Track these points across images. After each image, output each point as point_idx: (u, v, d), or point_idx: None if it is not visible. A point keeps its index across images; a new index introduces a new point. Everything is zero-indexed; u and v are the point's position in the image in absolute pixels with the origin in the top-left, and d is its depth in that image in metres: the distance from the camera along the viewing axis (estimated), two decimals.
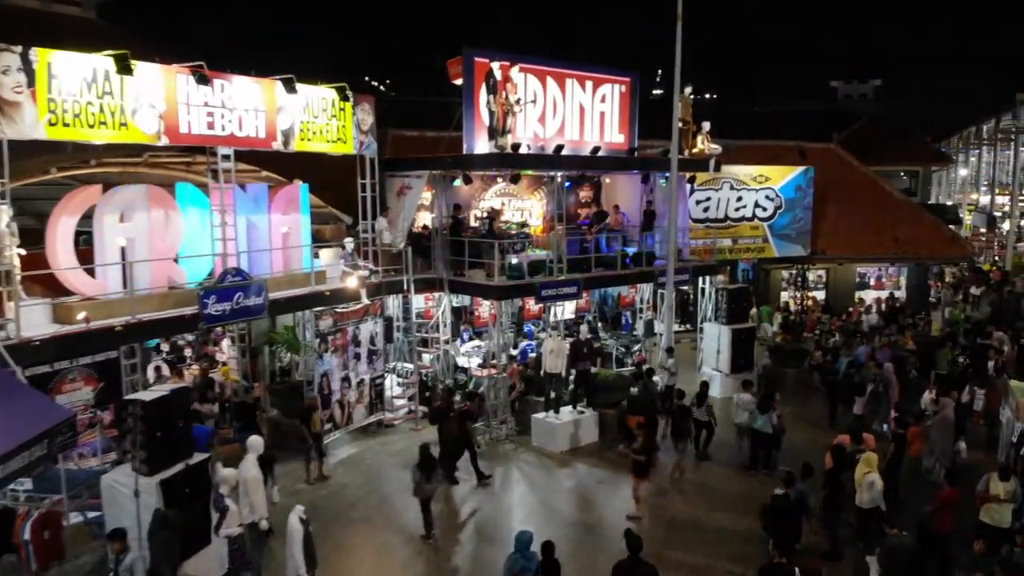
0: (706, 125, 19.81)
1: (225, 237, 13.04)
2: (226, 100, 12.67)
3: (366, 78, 52.38)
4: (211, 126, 12.46)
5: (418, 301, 17.57)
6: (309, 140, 14.41)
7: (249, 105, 13.09)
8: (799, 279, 27.63)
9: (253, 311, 13.16)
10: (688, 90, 18.56)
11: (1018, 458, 12.26)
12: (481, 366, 16.80)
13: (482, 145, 16.19)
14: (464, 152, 16.36)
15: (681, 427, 14.19)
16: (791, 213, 25.17)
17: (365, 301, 15.39)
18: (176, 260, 12.90)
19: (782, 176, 25.01)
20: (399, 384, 16.96)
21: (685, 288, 20.80)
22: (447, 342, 17.22)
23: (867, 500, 10.52)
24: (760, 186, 24.63)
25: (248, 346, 16.03)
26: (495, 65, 15.73)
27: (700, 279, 19.79)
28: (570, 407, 15.54)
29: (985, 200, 49.78)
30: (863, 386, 15.54)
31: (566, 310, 18.36)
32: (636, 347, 19.95)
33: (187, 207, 13.19)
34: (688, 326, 23.31)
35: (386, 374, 16.64)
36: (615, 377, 16.26)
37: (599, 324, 20.69)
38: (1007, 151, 44.61)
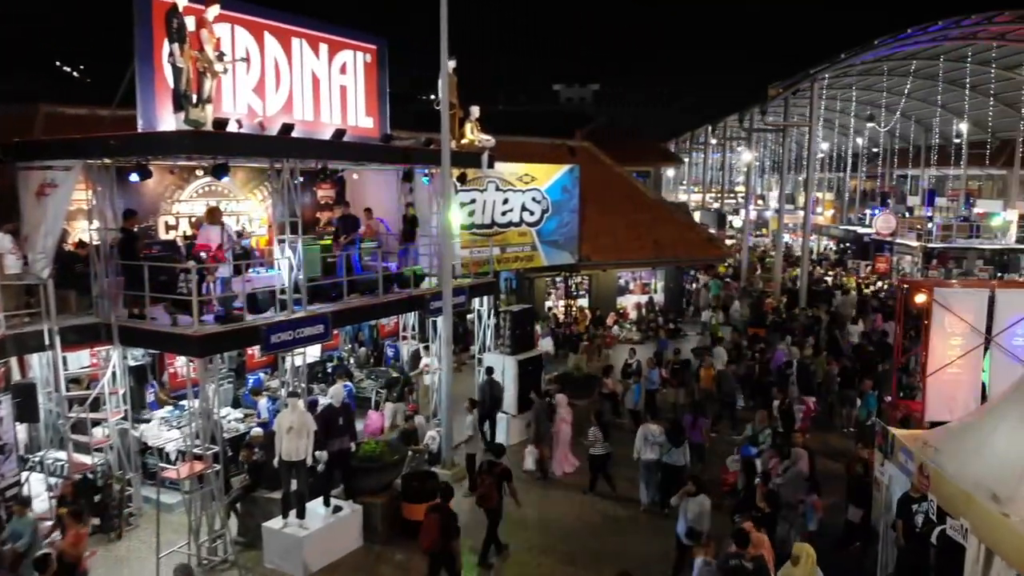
0: (475, 111, 16.05)
1: None
2: None
3: (56, 63, 42.00)
4: None
5: (80, 358, 11.69)
6: None
7: None
8: (567, 288, 25.50)
9: None
10: (452, 64, 14.66)
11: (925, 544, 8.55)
12: (182, 453, 11.30)
13: (168, 121, 10.79)
14: (140, 131, 10.80)
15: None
16: (558, 217, 22.67)
17: None
18: None
19: (548, 176, 22.38)
20: (49, 488, 10.86)
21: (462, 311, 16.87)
22: (124, 418, 11.43)
23: None
24: (527, 187, 21.72)
25: None
26: (181, 3, 10.45)
27: (476, 300, 16.03)
28: (320, 503, 10.79)
29: (688, 199, 53.63)
30: None
31: (308, 353, 13.40)
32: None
33: None
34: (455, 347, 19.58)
35: (26, 475, 10.60)
36: (383, 450, 11.69)
37: (352, 360, 16.07)
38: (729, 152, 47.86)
